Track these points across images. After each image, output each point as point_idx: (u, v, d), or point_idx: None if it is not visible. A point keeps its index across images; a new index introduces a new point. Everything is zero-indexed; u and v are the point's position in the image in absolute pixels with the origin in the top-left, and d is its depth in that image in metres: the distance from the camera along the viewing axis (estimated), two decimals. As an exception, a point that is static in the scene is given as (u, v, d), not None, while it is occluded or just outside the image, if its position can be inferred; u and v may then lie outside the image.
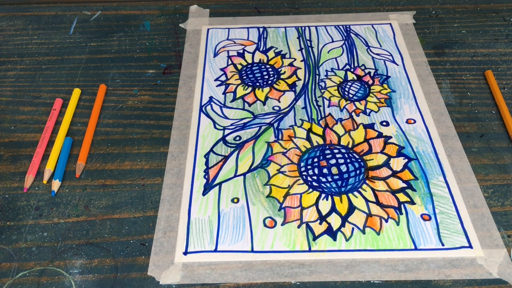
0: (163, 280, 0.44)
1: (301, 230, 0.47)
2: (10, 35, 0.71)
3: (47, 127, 0.57)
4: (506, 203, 0.49)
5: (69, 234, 0.47)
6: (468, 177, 0.51)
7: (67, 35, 0.71)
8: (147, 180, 0.52)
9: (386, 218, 0.47)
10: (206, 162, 0.53)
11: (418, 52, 0.66)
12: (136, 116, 0.59)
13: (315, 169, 0.52)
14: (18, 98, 0.61)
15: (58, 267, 0.45)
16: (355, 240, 0.46)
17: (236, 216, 0.48)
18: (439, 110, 0.58)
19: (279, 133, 0.56)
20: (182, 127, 0.57)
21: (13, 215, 0.49)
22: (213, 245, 0.46)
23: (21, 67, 0.66)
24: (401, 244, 0.46)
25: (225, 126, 0.57)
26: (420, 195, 0.49)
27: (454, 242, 0.46)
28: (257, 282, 0.43)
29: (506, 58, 0.65)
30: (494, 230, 0.47)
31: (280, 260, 0.45)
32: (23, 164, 0.54)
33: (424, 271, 0.44)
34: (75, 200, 0.50)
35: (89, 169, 0.53)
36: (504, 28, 0.70)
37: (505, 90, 0.61)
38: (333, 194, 0.50)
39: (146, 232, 0.47)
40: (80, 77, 0.64)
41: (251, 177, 0.51)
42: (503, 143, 0.55)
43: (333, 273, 0.44)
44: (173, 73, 0.64)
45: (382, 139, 0.55)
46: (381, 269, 0.44)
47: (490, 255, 0.45)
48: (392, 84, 0.62)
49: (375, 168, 0.52)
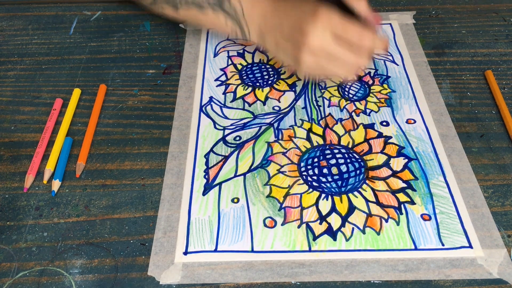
0: (163, 280, 0.44)
1: (301, 230, 0.47)
2: (10, 35, 0.71)
3: (47, 127, 0.57)
4: (506, 203, 0.49)
5: (69, 234, 0.47)
6: (468, 177, 0.51)
7: (67, 35, 0.71)
8: (147, 180, 0.52)
9: (386, 218, 0.47)
10: (206, 162, 0.53)
11: (418, 52, 0.66)
12: (136, 116, 0.59)
13: (315, 169, 0.52)
14: (18, 98, 0.61)
15: (58, 267, 0.45)
16: (355, 240, 0.46)
17: (236, 216, 0.48)
18: (439, 110, 0.58)
19: (279, 133, 0.56)
20: (182, 127, 0.57)
21: (13, 215, 0.49)
22: (213, 245, 0.46)
23: (21, 67, 0.66)
24: (401, 244, 0.46)
25: (225, 126, 0.57)
26: (420, 195, 0.49)
27: (454, 242, 0.46)
28: (257, 282, 0.43)
29: (506, 58, 0.65)
30: (494, 230, 0.47)
31: (280, 260, 0.45)
32: (23, 164, 0.54)
33: (424, 271, 0.44)
34: (75, 200, 0.50)
35: (89, 169, 0.53)
36: (504, 28, 0.70)
37: (505, 90, 0.61)
38: (333, 194, 0.50)
39: (146, 232, 0.47)
40: (80, 77, 0.64)
41: (251, 177, 0.51)
42: (503, 143, 0.55)
43: (333, 273, 0.44)
44: (173, 73, 0.64)
45: (382, 139, 0.55)
46: (381, 269, 0.44)
47: (490, 255, 0.45)
48: (392, 84, 0.62)
49: (375, 168, 0.52)
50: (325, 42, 0.50)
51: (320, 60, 0.51)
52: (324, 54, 0.51)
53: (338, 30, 0.49)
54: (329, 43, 0.50)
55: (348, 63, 0.51)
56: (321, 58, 0.51)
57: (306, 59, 0.51)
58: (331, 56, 0.51)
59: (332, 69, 0.52)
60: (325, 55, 0.51)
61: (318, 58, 0.51)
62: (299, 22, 0.51)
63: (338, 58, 0.51)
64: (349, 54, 0.51)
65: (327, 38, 0.50)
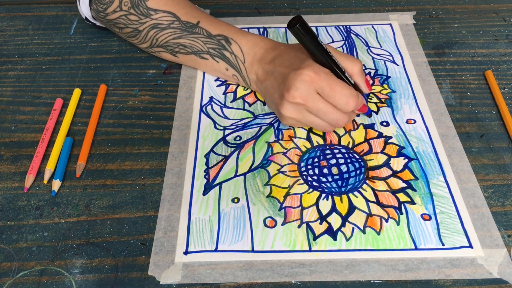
0: (164, 279, 0.44)
1: (301, 230, 0.47)
2: (10, 35, 0.71)
3: (47, 127, 0.57)
4: (506, 203, 0.49)
5: (70, 234, 0.47)
6: (468, 177, 0.51)
7: (68, 35, 0.71)
8: (148, 180, 0.52)
9: (386, 218, 0.48)
10: (206, 162, 0.53)
11: (418, 52, 0.66)
12: (137, 116, 0.59)
13: (316, 169, 0.52)
14: (19, 98, 0.61)
15: (58, 266, 0.45)
16: (355, 240, 0.46)
17: (236, 216, 0.48)
18: (439, 110, 0.58)
19: (279, 133, 0.56)
20: (183, 127, 0.57)
21: (14, 215, 0.49)
22: (214, 245, 0.46)
23: (22, 67, 0.66)
24: (401, 244, 0.46)
25: (225, 126, 0.57)
26: (420, 195, 0.49)
27: (454, 242, 0.46)
28: (257, 281, 0.43)
29: (506, 58, 0.65)
30: (494, 230, 0.47)
31: (280, 260, 0.45)
32: (24, 164, 0.54)
33: (424, 270, 0.44)
34: (75, 200, 0.50)
35: (90, 169, 0.53)
36: (504, 29, 0.70)
37: (505, 90, 0.61)
38: (333, 194, 0.50)
39: (147, 232, 0.47)
40: (80, 77, 0.64)
41: (252, 177, 0.51)
42: (503, 143, 0.55)
43: (333, 273, 0.44)
44: (174, 73, 0.64)
45: (382, 139, 0.55)
46: (381, 268, 0.44)
47: (490, 255, 0.45)
48: (392, 84, 0.62)
49: (375, 168, 0.52)
50: (308, 97, 0.51)
51: (301, 112, 0.52)
52: (305, 107, 0.52)
53: (324, 90, 0.50)
54: (312, 98, 0.51)
55: (329, 119, 0.52)
56: (302, 111, 0.52)
57: (287, 110, 0.52)
58: (312, 110, 0.52)
59: (314, 121, 0.53)
60: (306, 108, 0.52)
61: (299, 111, 0.52)
62: (286, 74, 0.52)
63: (319, 113, 0.52)
64: (332, 112, 0.52)
65: (311, 93, 0.51)
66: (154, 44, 0.61)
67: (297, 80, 0.50)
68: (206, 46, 0.58)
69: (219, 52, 0.58)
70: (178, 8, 0.60)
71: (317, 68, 0.51)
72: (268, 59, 0.55)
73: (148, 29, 0.60)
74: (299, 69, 0.51)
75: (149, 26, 0.60)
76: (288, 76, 0.51)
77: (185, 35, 0.59)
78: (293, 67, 0.52)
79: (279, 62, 0.54)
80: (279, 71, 0.53)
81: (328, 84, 0.50)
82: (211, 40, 0.58)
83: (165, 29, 0.59)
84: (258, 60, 0.56)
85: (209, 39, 0.58)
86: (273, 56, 0.55)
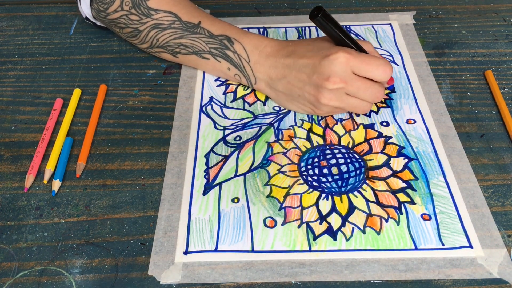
0: (164, 279, 0.44)
1: (301, 230, 0.47)
2: (10, 35, 0.71)
3: (47, 127, 0.57)
4: (506, 203, 0.49)
5: (70, 234, 0.47)
6: (468, 177, 0.51)
7: (68, 35, 0.71)
8: (148, 180, 0.52)
9: (386, 218, 0.48)
10: (206, 162, 0.53)
11: (418, 53, 0.66)
12: (137, 116, 0.59)
13: (315, 169, 0.52)
14: (19, 98, 0.61)
15: (58, 266, 0.45)
16: (355, 240, 0.46)
17: (236, 216, 0.48)
18: (439, 110, 0.58)
19: (279, 133, 0.56)
20: (183, 127, 0.57)
21: (14, 215, 0.49)
22: (214, 245, 0.46)
23: (22, 67, 0.66)
24: (401, 244, 0.46)
25: (225, 126, 0.57)
26: (420, 195, 0.49)
27: (454, 242, 0.46)
28: (257, 281, 0.43)
29: (506, 58, 0.65)
30: (494, 230, 0.47)
31: (280, 260, 0.45)
32: (24, 164, 0.54)
33: (424, 271, 0.44)
34: (75, 200, 0.50)
35: (90, 169, 0.53)
36: (504, 29, 0.70)
37: (505, 90, 0.61)
38: (333, 194, 0.50)
39: (147, 232, 0.47)
40: (80, 77, 0.64)
41: (252, 177, 0.51)
42: (503, 143, 0.55)
43: (333, 273, 0.44)
44: (174, 73, 0.64)
45: (382, 139, 0.55)
46: (381, 268, 0.44)
47: (490, 255, 0.45)
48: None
49: (375, 168, 0.52)
50: (347, 78, 0.51)
51: (340, 97, 0.53)
52: (344, 90, 0.52)
53: (361, 67, 0.51)
54: (351, 78, 0.51)
55: (368, 96, 0.53)
56: (341, 95, 0.53)
57: (326, 98, 0.53)
58: (351, 91, 0.52)
59: (353, 103, 0.54)
60: (345, 91, 0.53)
61: (338, 96, 0.53)
62: (316, 63, 0.52)
63: (358, 91, 0.52)
64: (371, 86, 0.52)
65: (349, 74, 0.51)
66: (154, 45, 0.61)
67: (333, 64, 0.51)
68: (208, 46, 0.59)
69: (221, 52, 0.58)
70: (179, 8, 0.60)
71: (346, 49, 0.52)
72: (283, 54, 0.55)
73: (149, 29, 0.60)
74: (329, 55, 0.51)
75: (150, 26, 0.60)
76: (321, 64, 0.52)
77: (186, 35, 0.59)
78: (320, 55, 0.52)
79: (299, 54, 0.54)
80: (303, 63, 0.53)
81: (361, 61, 0.51)
82: (213, 40, 0.58)
83: (166, 29, 0.59)
84: (270, 56, 0.56)
85: (211, 39, 0.58)
86: (290, 51, 0.55)
